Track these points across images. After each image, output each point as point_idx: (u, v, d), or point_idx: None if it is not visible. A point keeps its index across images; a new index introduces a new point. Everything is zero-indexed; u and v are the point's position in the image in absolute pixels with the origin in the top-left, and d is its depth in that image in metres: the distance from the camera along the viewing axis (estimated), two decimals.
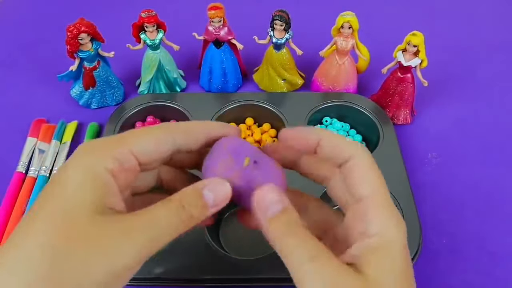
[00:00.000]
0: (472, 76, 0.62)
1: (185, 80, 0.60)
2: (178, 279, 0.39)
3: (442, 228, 0.45)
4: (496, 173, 0.50)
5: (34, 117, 0.54)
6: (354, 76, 0.56)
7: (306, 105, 0.53)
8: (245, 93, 0.56)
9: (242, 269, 0.39)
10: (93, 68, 0.53)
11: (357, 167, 0.24)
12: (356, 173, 0.24)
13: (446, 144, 0.53)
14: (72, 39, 0.49)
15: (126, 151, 0.23)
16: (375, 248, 0.22)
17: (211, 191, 0.24)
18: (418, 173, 0.50)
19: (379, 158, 0.47)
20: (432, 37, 0.51)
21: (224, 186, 0.24)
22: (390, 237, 0.22)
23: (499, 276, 0.42)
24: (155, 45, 0.53)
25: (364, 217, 0.23)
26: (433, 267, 0.42)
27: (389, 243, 0.22)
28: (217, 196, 0.24)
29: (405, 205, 0.43)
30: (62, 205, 0.21)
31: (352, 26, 0.51)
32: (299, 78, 0.59)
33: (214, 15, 0.51)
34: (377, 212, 0.23)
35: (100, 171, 0.22)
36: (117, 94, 0.57)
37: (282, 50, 0.55)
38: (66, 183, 0.22)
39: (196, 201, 0.23)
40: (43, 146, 0.51)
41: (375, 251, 0.22)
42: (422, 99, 0.57)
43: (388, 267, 0.22)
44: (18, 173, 0.48)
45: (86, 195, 0.21)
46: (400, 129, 0.54)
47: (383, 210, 0.23)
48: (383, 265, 0.22)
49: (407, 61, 0.50)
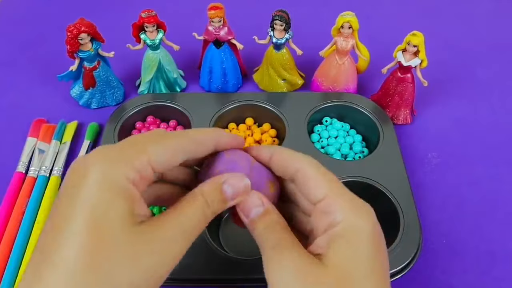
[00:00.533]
0: (472, 76, 0.62)
1: (185, 80, 0.60)
2: (178, 279, 0.39)
3: (442, 228, 0.45)
4: (496, 173, 0.50)
5: (34, 117, 0.54)
6: (354, 76, 0.56)
7: (306, 105, 0.53)
8: (245, 93, 0.56)
9: (242, 269, 0.39)
10: (93, 68, 0.53)
11: (306, 176, 0.26)
12: (308, 181, 0.26)
13: (446, 144, 0.53)
14: (72, 39, 0.49)
15: (145, 161, 0.23)
16: (339, 235, 0.23)
17: (230, 185, 0.25)
18: (418, 173, 0.50)
19: (379, 158, 0.48)
20: (432, 37, 0.51)
21: (243, 181, 0.25)
22: (354, 225, 0.23)
23: (499, 276, 0.42)
24: (155, 45, 0.53)
25: (327, 211, 0.24)
26: (433, 267, 0.42)
27: (353, 231, 0.23)
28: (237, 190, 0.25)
29: (405, 205, 0.43)
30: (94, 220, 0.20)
31: (352, 26, 0.51)
32: (299, 78, 0.59)
33: (214, 15, 0.51)
34: (339, 204, 0.24)
35: (124, 183, 0.22)
36: (117, 94, 0.57)
37: (282, 50, 0.55)
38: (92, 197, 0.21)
39: (218, 196, 0.25)
40: (43, 146, 0.51)
41: (339, 239, 0.23)
42: (422, 99, 0.57)
43: (350, 253, 0.23)
44: (18, 173, 0.48)
45: (117, 209, 0.21)
46: (400, 129, 0.54)
47: (343, 201, 0.24)
48: (345, 251, 0.23)
49: (407, 61, 0.50)
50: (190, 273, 0.39)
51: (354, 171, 0.46)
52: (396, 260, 0.39)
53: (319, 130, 0.53)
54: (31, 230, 0.43)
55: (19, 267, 0.41)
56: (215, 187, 0.25)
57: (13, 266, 0.41)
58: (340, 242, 0.23)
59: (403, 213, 0.42)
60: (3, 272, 0.41)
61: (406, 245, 0.40)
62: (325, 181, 0.26)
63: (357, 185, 0.45)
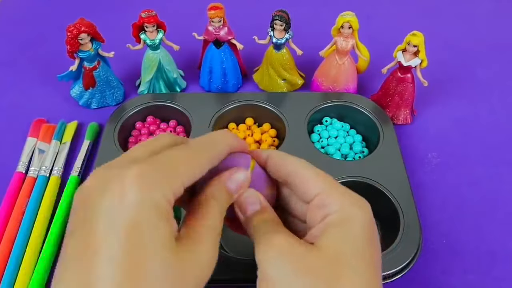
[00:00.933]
0: (472, 76, 0.62)
1: (185, 80, 0.60)
2: None
3: (442, 228, 0.45)
4: (496, 173, 0.50)
5: (34, 117, 0.54)
6: (354, 76, 0.56)
7: (306, 105, 0.53)
8: (245, 93, 0.56)
9: (242, 269, 0.39)
10: (93, 68, 0.53)
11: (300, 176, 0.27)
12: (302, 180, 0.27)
13: (446, 144, 0.53)
14: (72, 39, 0.49)
15: (180, 183, 0.23)
16: (334, 223, 0.24)
17: (233, 181, 0.27)
18: (418, 173, 0.50)
19: (379, 158, 0.48)
20: (432, 37, 0.51)
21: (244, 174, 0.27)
22: (350, 214, 0.24)
23: (499, 276, 0.42)
24: (155, 45, 0.53)
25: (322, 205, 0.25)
26: (433, 267, 0.42)
27: (348, 219, 0.24)
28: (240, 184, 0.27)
29: (405, 205, 0.43)
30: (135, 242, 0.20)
31: (352, 26, 0.51)
32: (299, 78, 0.59)
33: (214, 15, 0.51)
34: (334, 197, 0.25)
35: (164, 204, 0.21)
36: (117, 94, 0.57)
37: (282, 50, 0.55)
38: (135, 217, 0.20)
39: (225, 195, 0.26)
40: (43, 146, 0.51)
41: (334, 226, 0.24)
42: (422, 99, 0.57)
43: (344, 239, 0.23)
44: (18, 173, 0.48)
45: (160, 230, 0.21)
46: (400, 129, 0.54)
47: (338, 194, 0.25)
48: (339, 237, 0.23)
49: (407, 61, 0.50)
50: None
51: (354, 171, 0.46)
52: (396, 260, 0.39)
53: (319, 130, 0.53)
54: (31, 230, 0.43)
55: (19, 267, 0.41)
56: (221, 187, 0.26)
57: (13, 266, 0.41)
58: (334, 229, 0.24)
59: (403, 213, 0.42)
60: (3, 272, 0.41)
61: (406, 245, 0.40)
62: (319, 179, 0.26)
63: (357, 185, 0.45)
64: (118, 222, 0.20)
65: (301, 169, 0.27)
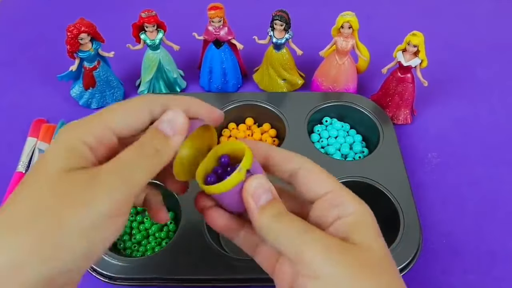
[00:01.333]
0: (472, 76, 0.62)
1: (185, 80, 0.60)
2: (177, 279, 0.39)
3: (442, 228, 0.45)
4: (496, 173, 0.50)
5: (34, 117, 0.54)
6: (354, 76, 0.56)
7: (306, 105, 0.53)
8: (245, 93, 0.56)
9: (241, 269, 0.39)
10: (93, 68, 0.53)
11: (310, 172, 0.27)
12: (311, 177, 0.27)
13: (446, 144, 0.53)
14: (72, 39, 0.49)
15: (102, 127, 0.24)
16: (355, 222, 0.25)
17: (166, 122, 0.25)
18: (418, 173, 0.50)
19: (379, 158, 0.48)
20: (432, 37, 0.51)
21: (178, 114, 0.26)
22: (362, 211, 0.26)
23: (499, 276, 0.42)
24: (155, 45, 0.53)
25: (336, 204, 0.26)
26: (433, 267, 0.42)
27: (363, 216, 0.26)
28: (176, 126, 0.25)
29: (405, 205, 0.43)
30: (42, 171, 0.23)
31: (352, 26, 0.51)
32: (299, 78, 0.59)
33: (214, 15, 0.51)
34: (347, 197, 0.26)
35: (77, 144, 0.23)
36: (117, 94, 0.57)
37: (282, 50, 0.55)
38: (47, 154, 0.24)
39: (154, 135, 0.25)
40: (43, 146, 0.51)
41: (357, 225, 0.25)
42: (422, 99, 0.57)
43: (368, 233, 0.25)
44: (18, 173, 0.48)
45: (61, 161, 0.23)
46: (400, 129, 0.54)
47: (348, 195, 0.26)
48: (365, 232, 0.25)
49: (407, 61, 0.50)
50: (190, 273, 0.39)
51: (354, 171, 0.46)
52: (396, 260, 0.39)
53: (319, 130, 0.53)
54: None
55: None
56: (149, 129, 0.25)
57: None
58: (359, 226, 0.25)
59: (403, 213, 0.42)
60: None
61: (406, 245, 0.40)
62: (328, 177, 0.27)
63: (357, 185, 0.45)
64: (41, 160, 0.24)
65: (310, 165, 0.27)
